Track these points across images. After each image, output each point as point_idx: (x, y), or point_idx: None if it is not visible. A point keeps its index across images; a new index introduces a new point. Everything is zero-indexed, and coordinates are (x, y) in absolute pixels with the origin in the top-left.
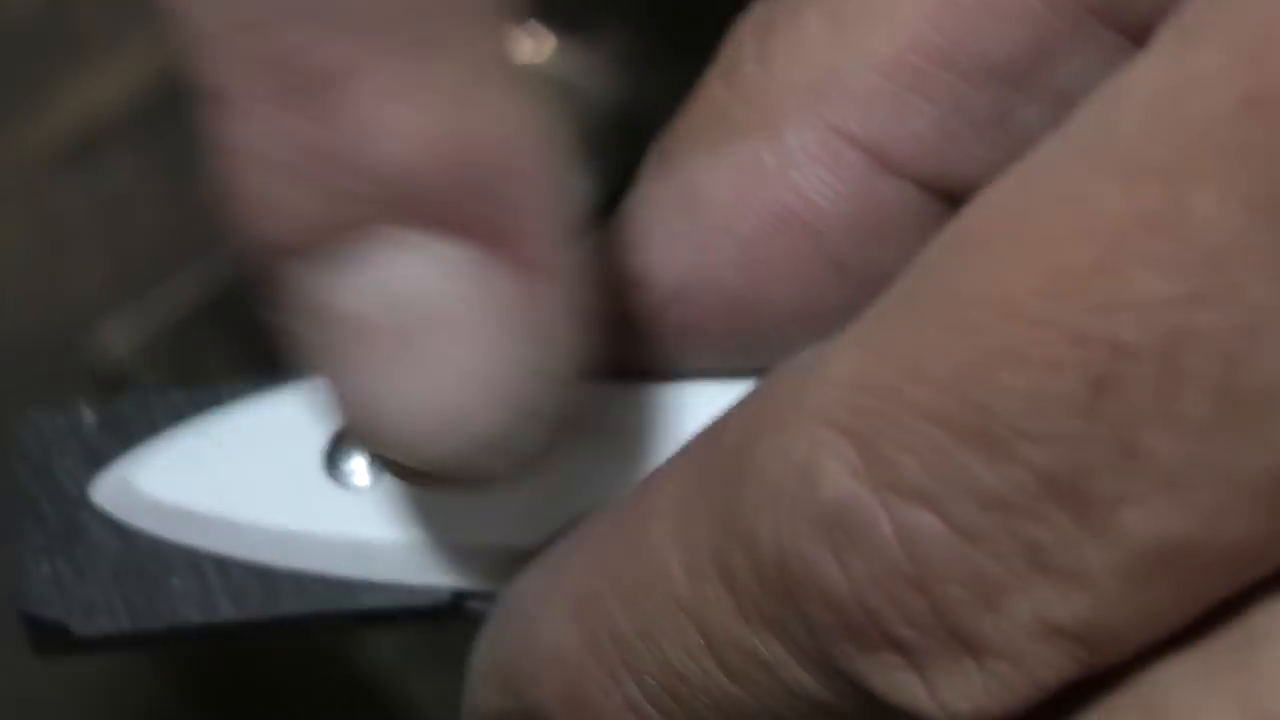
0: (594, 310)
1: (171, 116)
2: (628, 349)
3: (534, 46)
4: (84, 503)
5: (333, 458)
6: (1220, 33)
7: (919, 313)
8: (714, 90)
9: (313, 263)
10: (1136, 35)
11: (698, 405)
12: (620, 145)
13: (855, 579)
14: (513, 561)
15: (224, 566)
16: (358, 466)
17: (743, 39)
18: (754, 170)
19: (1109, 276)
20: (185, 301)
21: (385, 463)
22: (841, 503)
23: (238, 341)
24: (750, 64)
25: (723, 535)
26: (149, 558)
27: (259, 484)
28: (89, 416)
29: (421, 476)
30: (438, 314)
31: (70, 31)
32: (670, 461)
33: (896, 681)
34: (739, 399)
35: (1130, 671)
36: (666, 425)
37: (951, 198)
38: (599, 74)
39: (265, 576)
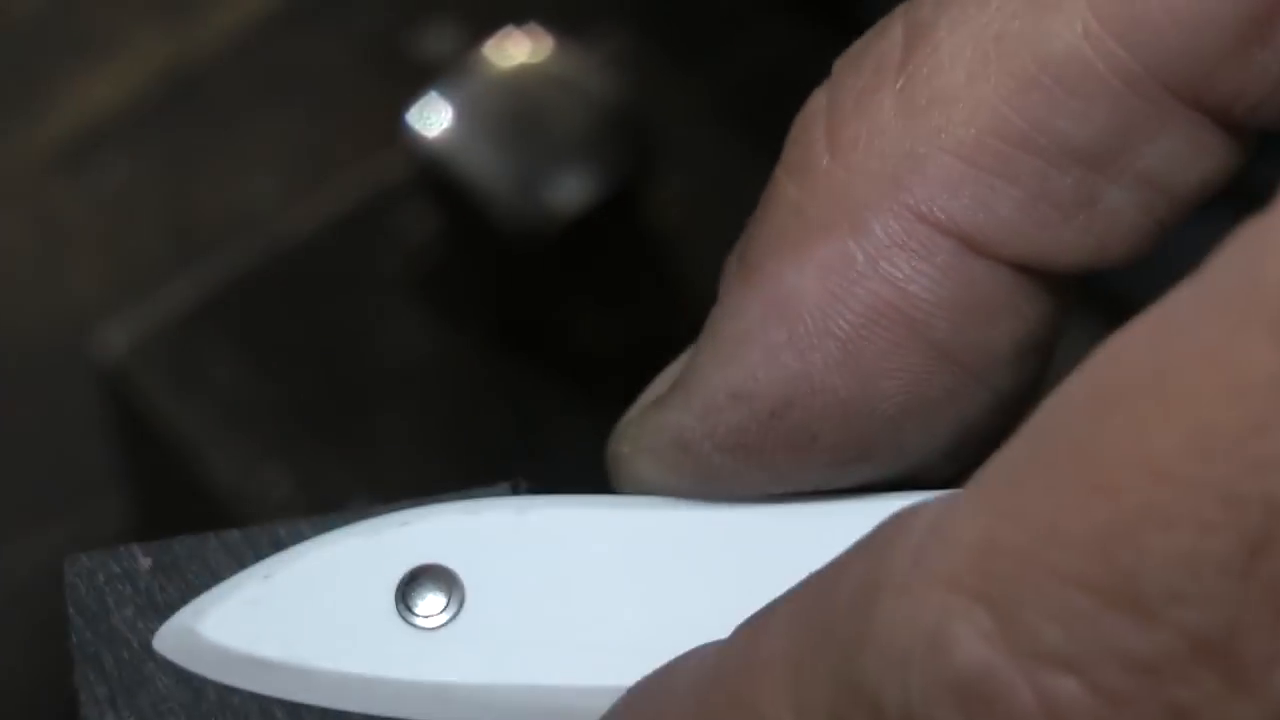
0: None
1: (171, 116)
2: (736, 472)
3: (534, 46)
4: (147, 653)
5: (405, 598)
6: None
7: (1053, 472)
8: (787, 190)
9: None
10: (1219, 116)
11: (799, 533)
12: (620, 145)
13: None
14: (598, 701)
15: (297, 714)
16: (431, 606)
17: (809, 132)
18: (844, 267)
19: (1263, 435)
20: (185, 301)
21: None
22: (977, 670)
23: (237, 341)
24: (823, 158)
25: (843, 699)
26: (219, 708)
27: (329, 628)
28: (143, 560)
29: None
30: None
31: (70, 31)
32: (776, 609)
33: None
34: (847, 538)
35: None
36: (768, 557)
37: (1046, 276)
38: (599, 74)
39: None
